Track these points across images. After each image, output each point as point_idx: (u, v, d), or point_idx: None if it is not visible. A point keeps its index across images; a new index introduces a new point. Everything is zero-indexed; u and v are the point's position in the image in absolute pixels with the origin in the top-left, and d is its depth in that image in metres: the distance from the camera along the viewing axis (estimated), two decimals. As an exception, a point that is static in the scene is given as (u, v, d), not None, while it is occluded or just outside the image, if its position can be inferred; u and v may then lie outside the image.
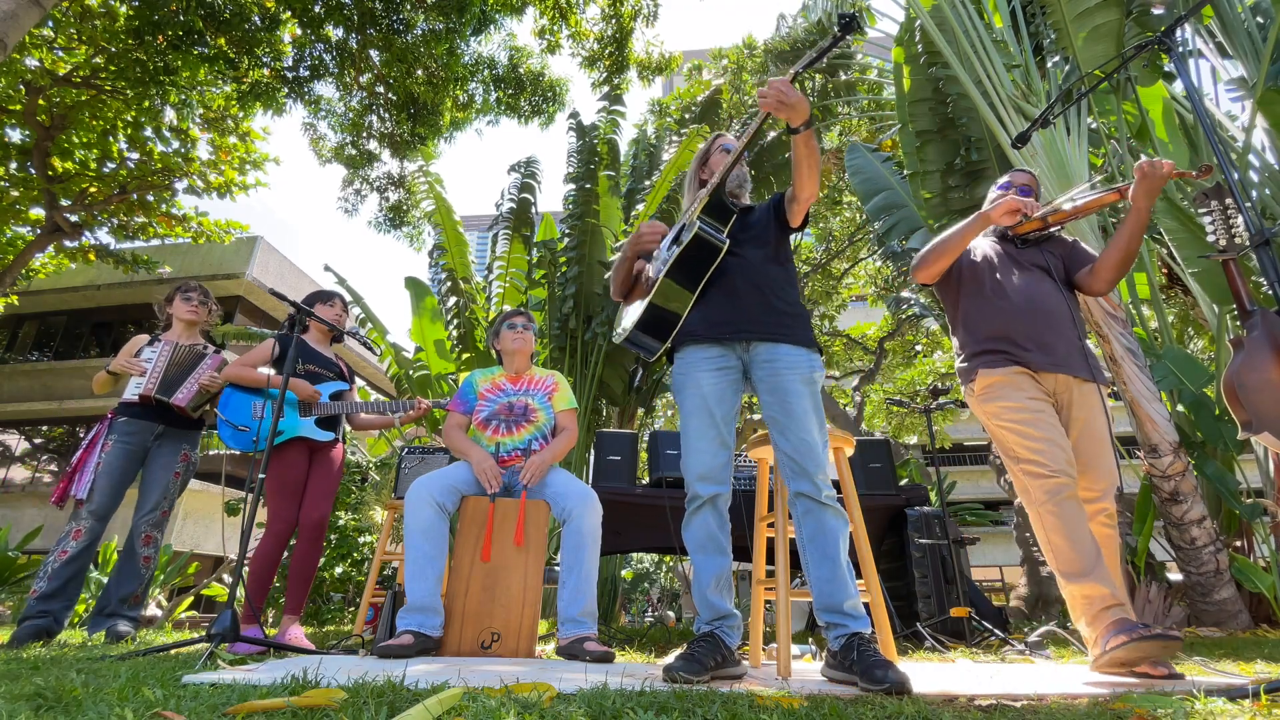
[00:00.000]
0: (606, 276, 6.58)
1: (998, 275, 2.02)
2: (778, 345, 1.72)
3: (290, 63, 7.15)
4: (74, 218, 8.48)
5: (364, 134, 8.33)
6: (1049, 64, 5.05)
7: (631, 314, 1.90)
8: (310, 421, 2.76)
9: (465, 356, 6.90)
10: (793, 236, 2.09)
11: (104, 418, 2.88)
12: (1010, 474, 1.89)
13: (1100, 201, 1.88)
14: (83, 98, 7.48)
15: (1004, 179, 2.19)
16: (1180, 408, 4.30)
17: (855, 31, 1.56)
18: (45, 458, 15.12)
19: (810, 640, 2.92)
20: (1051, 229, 2.05)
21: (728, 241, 1.77)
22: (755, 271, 1.79)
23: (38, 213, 8.45)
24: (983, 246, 2.12)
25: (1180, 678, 1.54)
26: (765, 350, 1.72)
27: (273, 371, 2.72)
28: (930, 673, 1.75)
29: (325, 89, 7.82)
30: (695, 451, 1.71)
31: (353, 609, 7.23)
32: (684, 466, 1.73)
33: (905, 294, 8.25)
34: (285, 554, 2.67)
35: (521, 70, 8.25)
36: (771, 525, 1.94)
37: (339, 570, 6.95)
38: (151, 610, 6.25)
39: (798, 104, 1.59)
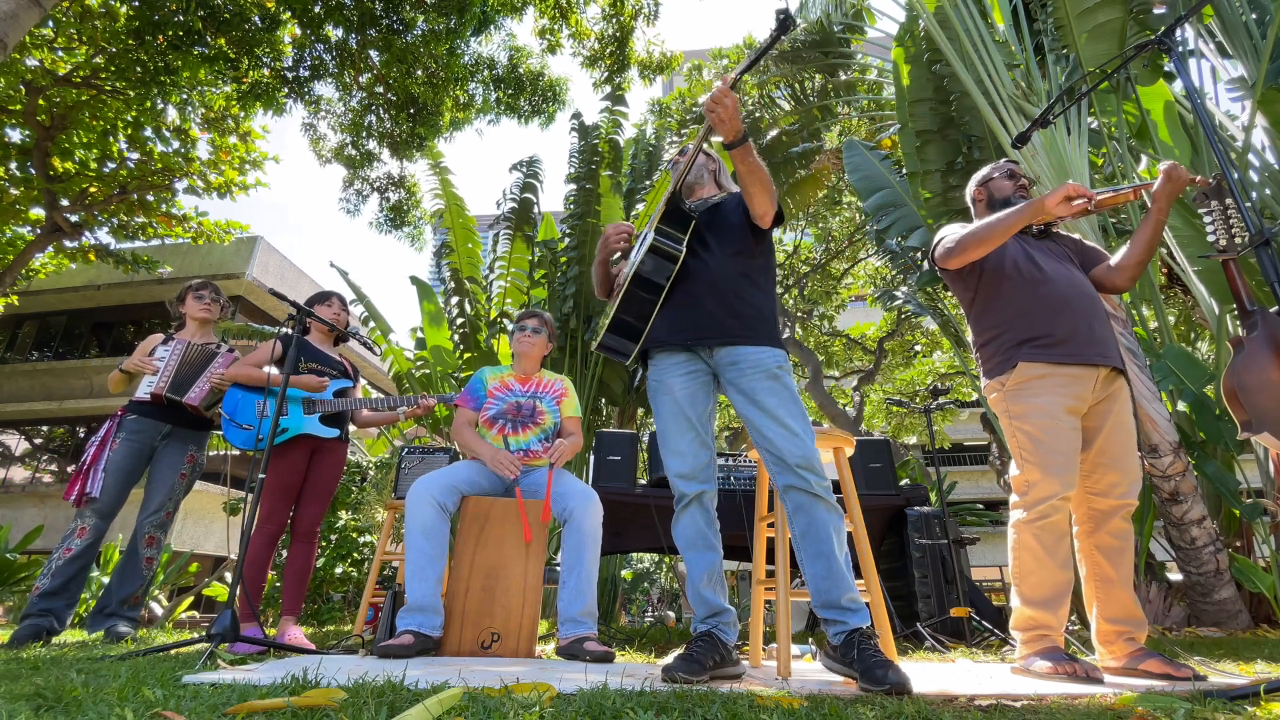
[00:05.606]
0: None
1: (1036, 261, 1.93)
2: (738, 348, 1.72)
3: (290, 63, 7.14)
4: (74, 218, 8.49)
5: (364, 134, 8.32)
6: (1050, 64, 5.04)
7: (606, 317, 1.92)
8: (315, 418, 2.76)
9: (467, 356, 6.90)
10: (775, 230, 2.04)
11: (114, 415, 2.88)
12: (1016, 464, 1.84)
13: (1116, 199, 1.83)
14: (83, 98, 7.48)
15: (1001, 165, 2.09)
16: (1180, 407, 4.29)
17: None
18: (45, 458, 15.12)
19: (810, 640, 2.92)
20: (1058, 223, 2.03)
21: (684, 251, 1.77)
22: (717, 274, 1.77)
23: (38, 213, 8.45)
24: None
25: (1203, 679, 1.54)
26: (727, 354, 1.73)
27: (275, 370, 2.71)
28: (930, 673, 1.75)
29: (325, 89, 7.83)
30: (674, 454, 1.75)
31: (353, 609, 7.22)
32: (666, 468, 1.77)
33: (898, 292, 8.22)
34: (281, 554, 2.67)
35: (521, 70, 8.25)
36: (771, 525, 1.94)
37: (339, 570, 6.95)
38: (152, 610, 6.25)
39: (728, 120, 1.58)
